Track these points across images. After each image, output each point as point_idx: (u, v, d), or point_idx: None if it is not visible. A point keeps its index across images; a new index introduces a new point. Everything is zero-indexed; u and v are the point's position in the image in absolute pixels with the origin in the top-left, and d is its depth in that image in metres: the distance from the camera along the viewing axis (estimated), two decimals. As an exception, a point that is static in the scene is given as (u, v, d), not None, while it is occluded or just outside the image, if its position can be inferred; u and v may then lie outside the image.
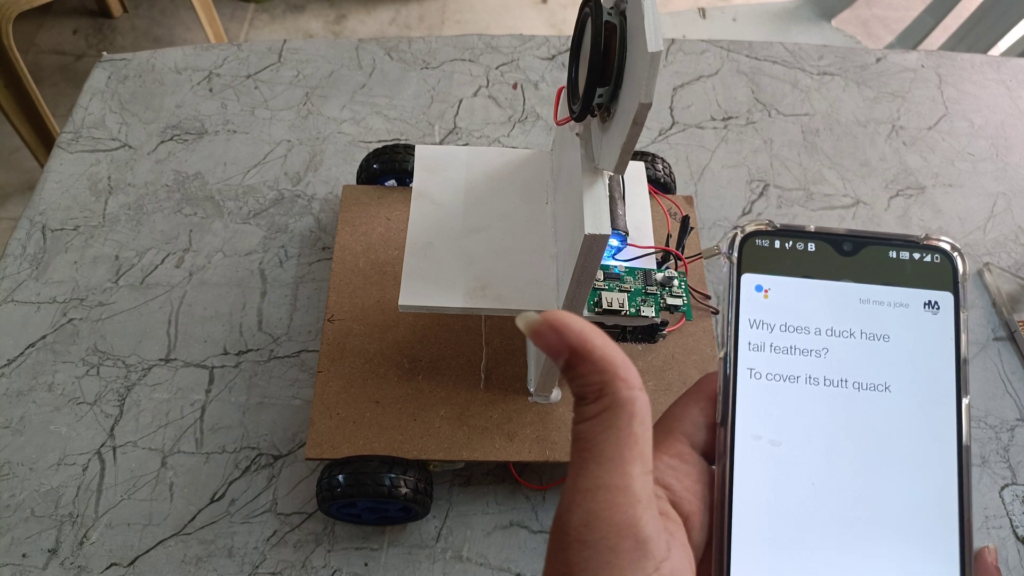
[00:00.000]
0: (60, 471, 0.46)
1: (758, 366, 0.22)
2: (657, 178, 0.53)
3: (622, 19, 0.29)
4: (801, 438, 0.21)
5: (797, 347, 0.22)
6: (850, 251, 0.23)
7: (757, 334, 0.22)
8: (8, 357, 0.50)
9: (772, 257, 0.23)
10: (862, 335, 0.22)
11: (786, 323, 0.22)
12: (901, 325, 0.22)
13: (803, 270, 0.23)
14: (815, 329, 0.22)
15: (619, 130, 0.29)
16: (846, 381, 0.22)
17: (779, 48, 0.73)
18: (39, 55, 1.55)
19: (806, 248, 0.23)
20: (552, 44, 0.71)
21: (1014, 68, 0.73)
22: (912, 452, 0.21)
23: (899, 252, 0.23)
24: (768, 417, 0.22)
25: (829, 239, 0.23)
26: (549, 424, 0.44)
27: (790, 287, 0.23)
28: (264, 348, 0.51)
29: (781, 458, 0.21)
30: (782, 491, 0.21)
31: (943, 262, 0.23)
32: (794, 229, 0.23)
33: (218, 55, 0.67)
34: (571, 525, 0.19)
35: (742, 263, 0.23)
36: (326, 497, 0.41)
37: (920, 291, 0.22)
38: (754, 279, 0.23)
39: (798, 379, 0.22)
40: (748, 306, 0.22)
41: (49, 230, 0.56)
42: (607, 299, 0.38)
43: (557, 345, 0.21)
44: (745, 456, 0.21)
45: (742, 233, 0.23)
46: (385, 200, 0.52)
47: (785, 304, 0.22)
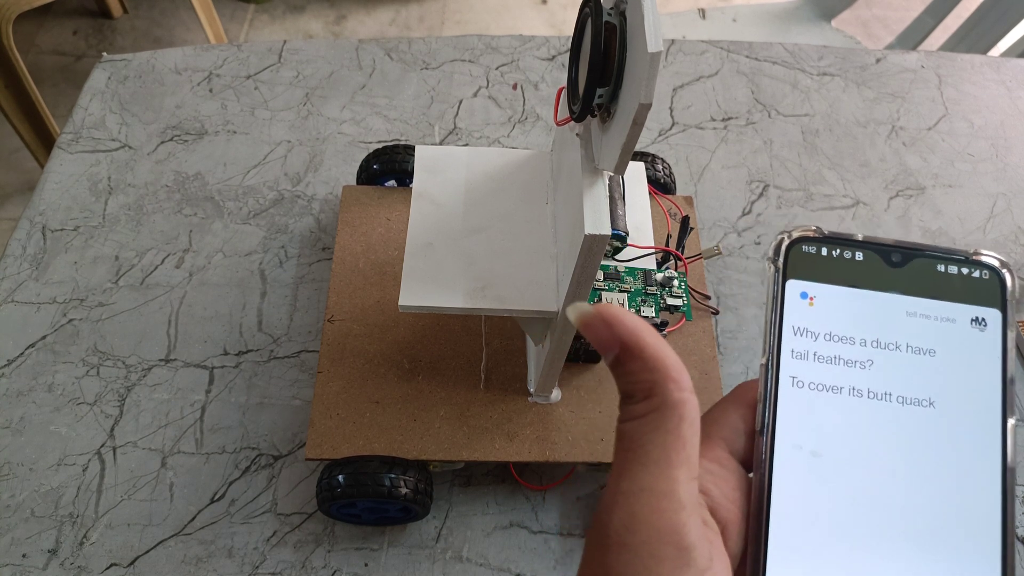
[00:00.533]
0: (60, 471, 0.46)
1: (801, 375, 0.22)
2: (657, 178, 0.53)
3: (622, 19, 0.29)
4: (842, 450, 0.21)
5: (841, 357, 0.22)
6: (898, 262, 0.22)
7: (801, 342, 0.22)
8: (8, 357, 0.50)
9: (818, 264, 0.22)
10: (908, 348, 0.22)
11: (831, 332, 0.22)
12: (947, 340, 0.22)
13: (850, 279, 0.22)
14: (860, 340, 0.22)
15: (619, 130, 0.29)
16: (890, 395, 0.22)
17: (779, 49, 0.73)
18: (39, 56, 1.55)
19: (854, 257, 0.23)
20: (552, 45, 0.71)
21: (1014, 69, 0.73)
22: (955, 470, 0.21)
23: (947, 266, 0.22)
24: (809, 427, 0.21)
25: (878, 249, 0.23)
26: (549, 424, 0.44)
27: (836, 296, 0.22)
28: (264, 348, 0.51)
29: (821, 469, 0.21)
30: (821, 503, 0.21)
31: (991, 278, 0.22)
32: (842, 237, 0.23)
33: (218, 56, 0.67)
34: (612, 527, 0.19)
35: (787, 268, 0.22)
36: (326, 497, 0.41)
37: (968, 306, 0.22)
38: (799, 286, 0.22)
39: (841, 390, 0.22)
40: (792, 313, 0.22)
41: (49, 230, 0.56)
42: (607, 299, 0.38)
43: (608, 339, 0.20)
44: (784, 466, 0.21)
45: (789, 238, 0.23)
46: (385, 200, 0.52)
47: (830, 313, 0.22)
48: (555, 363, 0.41)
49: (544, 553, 0.45)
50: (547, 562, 0.44)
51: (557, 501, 0.46)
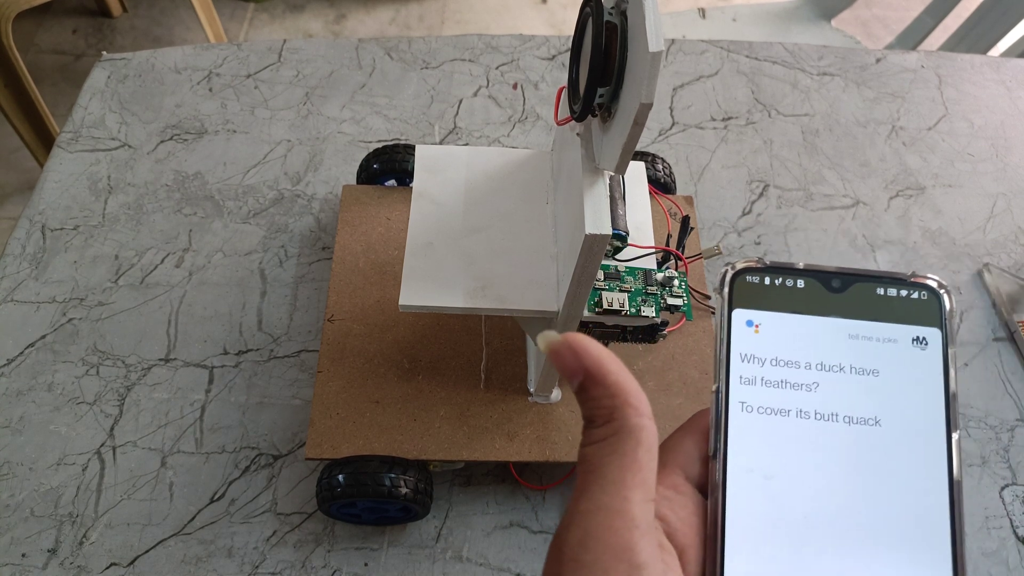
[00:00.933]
0: (60, 471, 0.46)
1: (749, 399, 0.22)
2: (657, 178, 0.53)
3: (623, 19, 0.29)
4: (793, 472, 0.22)
5: (788, 381, 0.22)
6: (839, 288, 0.23)
7: (748, 368, 0.23)
8: (8, 357, 0.50)
9: (762, 293, 0.23)
10: (852, 370, 0.22)
11: (777, 357, 0.23)
12: (890, 360, 0.22)
13: (793, 306, 0.23)
14: (805, 363, 0.23)
15: (620, 130, 0.29)
16: (837, 415, 0.22)
17: (779, 48, 0.73)
18: (39, 55, 1.55)
19: (795, 284, 0.23)
20: (552, 44, 0.71)
21: (1014, 69, 0.73)
22: (903, 486, 0.21)
23: (887, 289, 0.23)
24: (760, 450, 0.22)
25: (818, 276, 0.23)
26: (549, 424, 0.44)
27: (780, 322, 0.23)
28: (264, 348, 0.51)
29: (773, 491, 0.21)
30: (774, 525, 0.21)
31: (930, 299, 0.23)
32: (783, 266, 0.23)
33: (218, 55, 0.67)
34: (568, 544, 0.19)
35: (733, 298, 0.23)
36: (326, 497, 0.41)
37: (908, 327, 0.23)
38: (745, 314, 0.23)
39: (789, 412, 0.22)
40: (739, 340, 0.23)
41: (49, 230, 0.56)
42: (607, 299, 0.38)
43: (573, 366, 0.21)
44: (737, 489, 0.22)
45: (732, 270, 0.23)
46: (385, 200, 0.52)
47: (776, 339, 0.23)
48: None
49: (544, 553, 0.45)
50: (547, 562, 0.44)
51: (557, 501, 0.46)
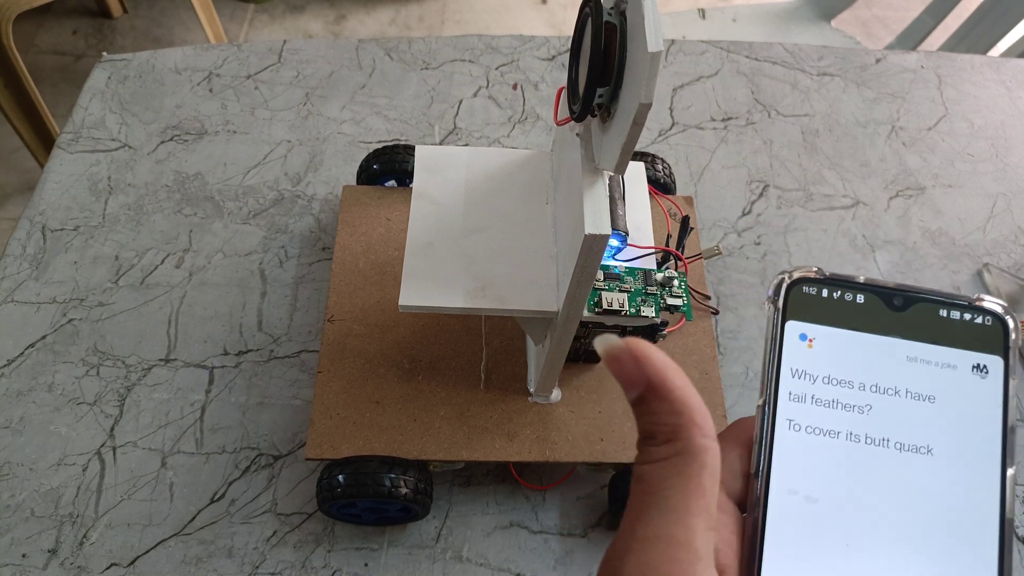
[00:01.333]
0: (60, 471, 0.46)
1: (798, 418, 0.21)
2: (657, 178, 0.53)
3: (622, 19, 0.29)
4: (838, 496, 0.21)
5: (840, 401, 0.22)
6: (900, 306, 0.22)
7: (799, 384, 0.22)
8: (8, 357, 0.50)
9: (819, 306, 0.22)
10: (907, 394, 0.22)
11: (830, 375, 0.22)
12: (948, 387, 0.22)
13: (850, 322, 0.22)
14: (859, 384, 0.22)
15: (619, 130, 0.29)
16: (888, 440, 0.21)
17: (779, 49, 0.73)
18: (39, 55, 1.55)
19: (855, 299, 0.22)
20: (552, 45, 0.71)
21: (1014, 69, 0.73)
22: (952, 519, 0.21)
23: (950, 311, 0.22)
24: (805, 472, 0.21)
25: (879, 292, 0.22)
26: (549, 424, 0.44)
27: (836, 338, 0.22)
28: (264, 348, 0.51)
29: (816, 516, 0.21)
30: (815, 550, 0.20)
31: (994, 324, 0.22)
32: (843, 279, 0.22)
33: (218, 55, 0.67)
34: (624, 574, 0.18)
35: (787, 309, 0.22)
36: (326, 497, 0.41)
37: (969, 353, 0.22)
38: (799, 327, 0.22)
39: (839, 434, 0.21)
40: (791, 355, 0.22)
41: (49, 230, 0.56)
42: (607, 299, 0.38)
43: (634, 376, 0.20)
44: (778, 511, 0.21)
45: (789, 279, 0.22)
46: (385, 200, 0.52)
47: (830, 356, 0.22)
48: (555, 363, 0.41)
49: (544, 553, 0.45)
50: (547, 562, 0.44)
51: (557, 501, 0.46)
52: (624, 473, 0.43)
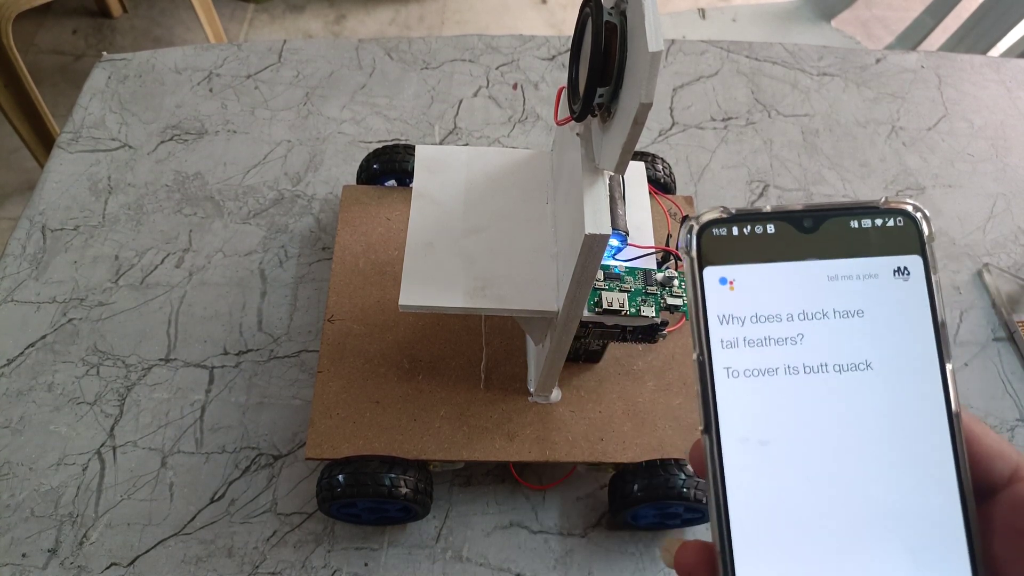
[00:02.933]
0: (60, 471, 0.46)
1: (734, 364, 0.21)
2: (657, 178, 0.53)
3: (622, 19, 0.29)
4: (789, 433, 0.21)
5: (771, 337, 0.21)
6: (811, 227, 0.22)
7: (728, 330, 0.21)
8: (8, 357, 0.50)
9: (732, 245, 0.21)
10: (835, 314, 0.21)
11: (756, 313, 0.21)
12: (873, 297, 0.21)
13: (766, 254, 0.21)
14: (787, 315, 0.21)
15: (619, 130, 0.29)
16: (826, 365, 0.21)
17: (779, 49, 0.73)
18: (39, 55, 1.55)
19: (766, 231, 0.22)
20: (552, 44, 0.71)
21: (1014, 69, 0.73)
22: (903, 427, 0.21)
23: (860, 221, 0.22)
24: (752, 417, 0.21)
25: (787, 217, 0.22)
26: (549, 424, 0.44)
27: (755, 274, 0.21)
28: (264, 348, 0.51)
29: (772, 458, 0.21)
30: (778, 491, 0.20)
31: (907, 224, 0.22)
32: (750, 212, 0.22)
33: (218, 55, 0.67)
34: None
35: (702, 256, 0.21)
36: (326, 497, 0.41)
37: (888, 258, 0.21)
38: (717, 271, 0.21)
39: (777, 371, 0.21)
40: (715, 301, 0.21)
41: (49, 230, 0.56)
42: (607, 299, 0.38)
43: None
44: (735, 461, 0.20)
45: (697, 224, 0.21)
46: (385, 200, 0.52)
47: (753, 293, 0.21)
48: (555, 363, 0.41)
49: (544, 553, 0.45)
50: (547, 562, 0.44)
51: (557, 501, 0.46)
52: (623, 473, 0.43)
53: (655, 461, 0.42)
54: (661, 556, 0.22)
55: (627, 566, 0.45)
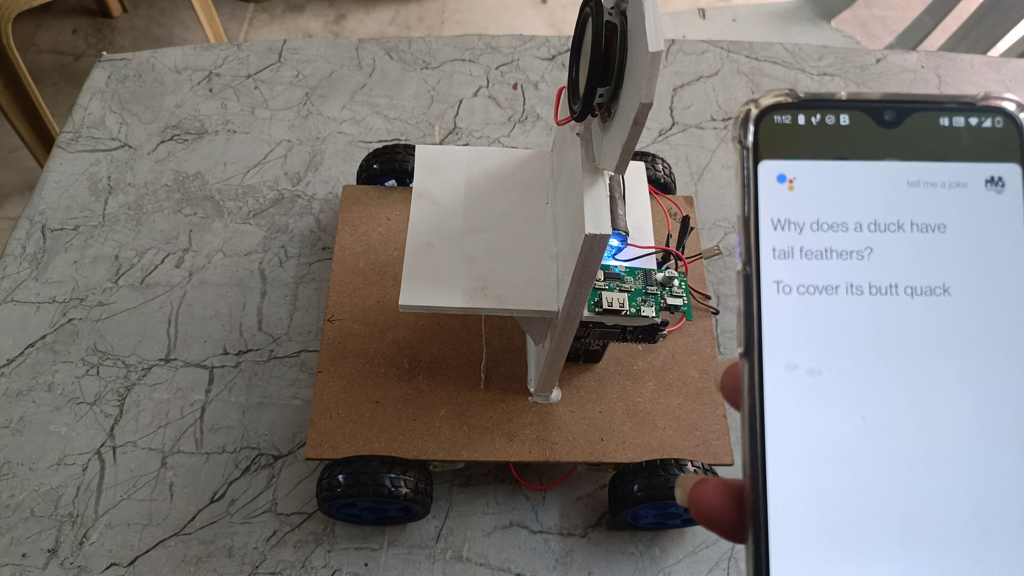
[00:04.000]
0: (60, 471, 0.46)
1: (786, 278, 0.18)
2: (657, 178, 0.53)
3: (623, 19, 0.29)
4: (846, 363, 0.18)
5: (833, 249, 0.18)
6: (892, 121, 0.18)
7: (783, 237, 0.18)
8: (8, 357, 0.50)
9: (796, 137, 0.18)
10: (912, 227, 0.18)
11: (818, 220, 0.18)
12: (959, 210, 0.18)
13: (836, 151, 0.18)
14: (855, 224, 0.18)
15: (620, 130, 0.29)
16: (896, 287, 0.18)
17: (779, 49, 0.73)
18: (38, 55, 1.55)
19: (838, 122, 0.18)
20: (552, 44, 0.71)
21: (1014, 69, 0.73)
22: (981, 366, 0.17)
23: (952, 118, 0.18)
24: (803, 341, 0.18)
25: (866, 108, 0.18)
26: (549, 424, 0.44)
27: (821, 173, 0.18)
28: (264, 348, 0.51)
29: (823, 390, 0.18)
30: (826, 431, 0.17)
31: (1007, 126, 0.18)
32: (822, 98, 0.18)
33: (218, 55, 0.67)
34: None
35: (759, 147, 0.18)
36: (326, 497, 0.41)
37: (980, 165, 0.18)
38: (775, 167, 0.18)
39: (837, 289, 0.18)
40: (769, 202, 0.18)
41: (49, 230, 0.56)
42: (607, 299, 0.38)
43: None
44: (778, 392, 0.18)
45: (757, 108, 0.18)
46: (385, 200, 0.52)
47: (815, 195, 0.18)
48: (555, 363, 0.41)
49: (544, 553, 0.45)
50: (547, 562, 0.44)
51: (557, 501, 0.46)
52: (624, 473, 0.43)
53: (655, 461, 0.42)
54: (675, 494, 0.20)
55: (627, 566, 0.45)
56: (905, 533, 0.17)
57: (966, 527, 0.17)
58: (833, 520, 0.17)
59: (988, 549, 0.17)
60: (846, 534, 0.17)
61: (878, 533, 0.17)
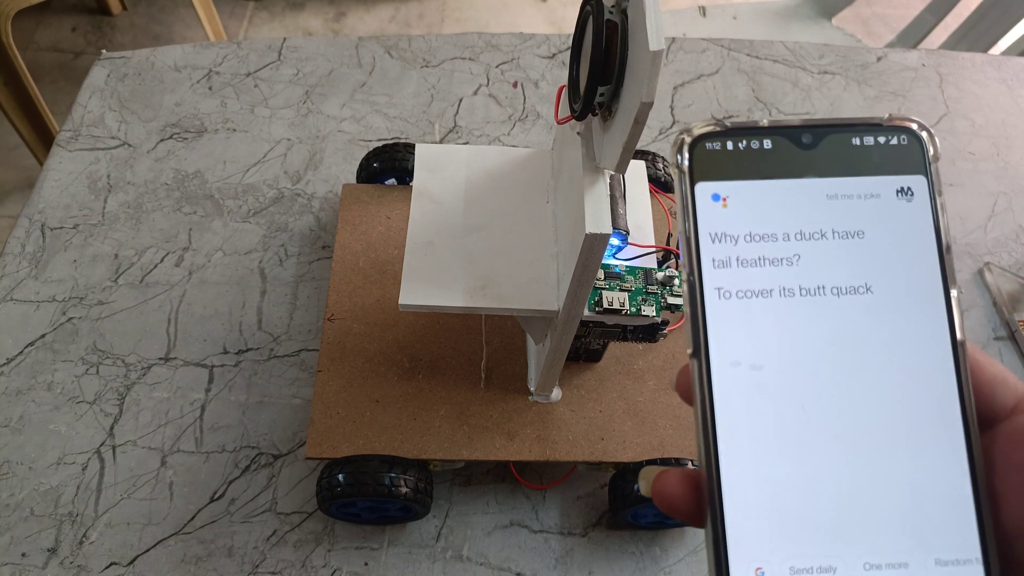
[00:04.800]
0: (59, 470, 0.46)
1: (726, 284, 0.20)
2: (658, 177, 0.53)
3: (623, 17, 0.29)
4: (783, 358, 0.20)
5: (766, 257, 0.20)
6: (810, 143, 0.21)
7: (720, 248, 0.20)
8: (7, 356, 0.50)
9: (727, 160, 0.21)
10: (834, 234, 0.20)
11: (750, 232, 0.20)
12: (875, 217, 0.20)
13: (763, 170, 0.21)
14: (783, 234, 0.20)
15: (620, 129, 0.29)
16: (823, 287, 0.20)
17: (780, 47, 0.72)
18: (38, 53, 1.55)
19: (762, 146, 0.21)
20: (552, 42, 0.71)
21: (1015, 67, 0.73)
22: (903, 354, 0.20)
23: (863, 138, 0.21)
24: (745, 340, 0.20)
25: (786, 132, 0.21)
26: (549, 424, 0.44)
27: (750, 191, 0.20)
28: (264, 347, 0.51)
29: (765, 383, 0.20)
30: (770, 419, 0.19)
31: (911, 143, 0.21)
32: (747, 126, 0.21)
33: (218, 53, 0.67)
34: None
35: (694, 171, 0.20)
36: (326, 496, 0.41)
37: (891, 178, 0.20)
38: (709, 187, 0.20)
39: (771, 292, 0.20)
40: (707, 218, 0.20)
41: (48, 228, 0.56)
42: (608, 298, 0.38)
43: None
44: (725, 387, 0.20)
45: (690, 136, 0.20)
46: (385, 199, 0.52)
47: (747, 211, 0.20)
48: (555, 362, 0.41)
49: (544, 552, 0.45)
50: (547, 561, 0.44)
51: (557, 500, 0.46)
52: (624, 472, 0.43)
53: (655, 460, 0.42)
54: (639, 485, 0.21)
55: (627, 565, 0.45)
56: (846, 510, 0.19)
57: (900, 502, 0.19)
58: (781, 501, 0.19)
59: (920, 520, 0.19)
60: (794, 513, 0.19)
61: (822, 512, 0.19)
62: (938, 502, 0.19)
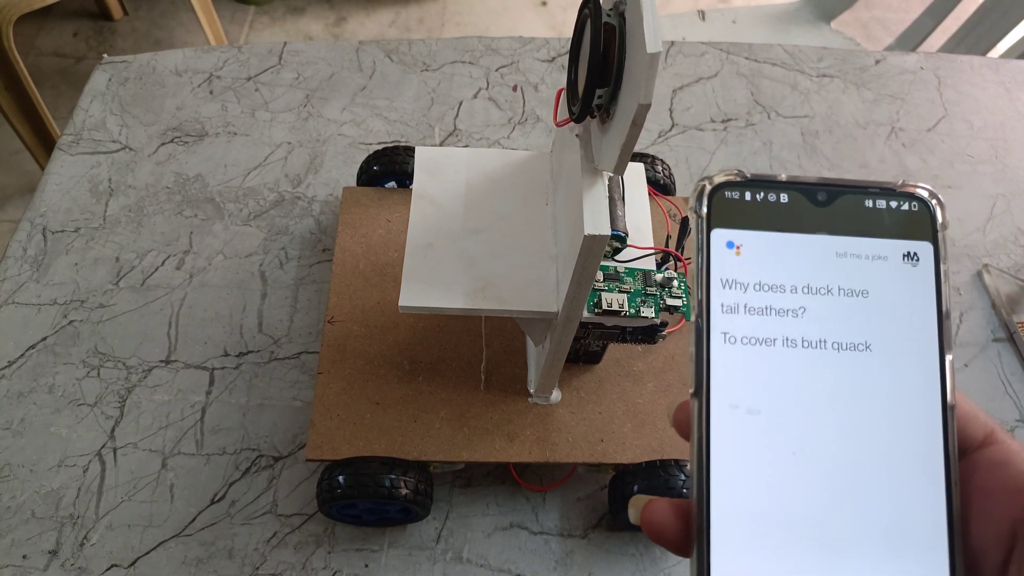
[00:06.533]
0: (61, 473, 0.46)
1: (732, 330, 0.21)
2: (657, 179, 0.53)
3: (621, 20, 0.29)
4: (780, 405, 0.20)
5: (773, 307, 0.21)
6: (825, 201, 0.21)
7: (730, 295, 0.21)
8: (9, 359, 0.50)
9: (744, 210, 0.21)
10: (840, 291, 0.21)
11: (760, 281, 0.21)
12: (880, 279, 0.21)
13: (777, 223, 0.21)
14: (791, 287, 0.21)
15: (618, 131, 0.29)
16: (825, 341, 0.21)
17: (778, 50, 0.73)
18: (39, 57, 1.55)
19: (779, 199, 0.21)
20: (552, 46, 0.71)
21: (1013, 70, 0.73)
22: (895, 413, 0.21)
23: (875, 201, 0.21)
24: (745, 384, 0.21)
25: (802, 189, 0.21)
26: (549, 425, 0.44)
27: (763, 242, 0.21)
28: (264, 350, 0.51)
29: (760, 428, 0.20)
30: (761, 462, 0.20)
31: (921, 210, 0.21)
32: (766, 178, 0.21)
33: (218, 57, 0.67)
34: None
35: (711, 217, 0.21)
36: (326, 498, 0.41)
37: (899, 241, 0.21)
38: (725, 235, 0.21)
39: (775, 342, 0.21)
40: (720, 264, 0.21)
41: (50, 232, 0.56)
42: (607, 300, 0.38)
43: None
44: (722, 427, 0.20)
45: (711, 185, 0.21)
46: (385, 202, 0.52)
47: (759, 260, 0.21)
48: (555, 364, 0.41)
49: (544, 554, 0.45)
50: (547, 563, 0.44)
51: (557, 502, 0.46)
52: (624, 474, 0.43)
53: (655, 462, 0.42)
54: (629, 513, 0.22)
55: (627, 567, 0.45)
56: (827, 548, 0.20)
57: (877, 544, 0.20)
58: (766, 537, 0.20)
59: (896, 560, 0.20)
60: (777, 549, 0.20)
61: (803, 549, 0.20)
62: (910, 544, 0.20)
